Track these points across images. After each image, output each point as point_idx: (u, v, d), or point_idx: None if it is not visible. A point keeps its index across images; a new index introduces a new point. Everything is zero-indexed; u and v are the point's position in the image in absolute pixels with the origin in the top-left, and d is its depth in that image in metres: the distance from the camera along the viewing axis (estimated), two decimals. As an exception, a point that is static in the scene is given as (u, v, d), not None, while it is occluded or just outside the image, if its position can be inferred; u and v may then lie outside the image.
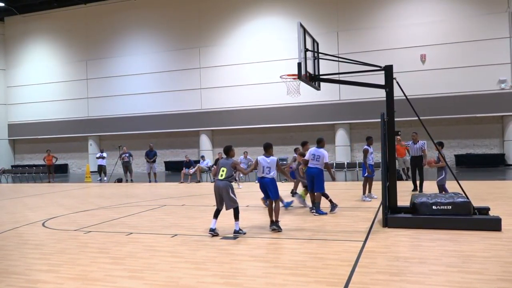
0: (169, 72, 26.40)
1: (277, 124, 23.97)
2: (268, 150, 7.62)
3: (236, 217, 7.29)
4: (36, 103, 29.63)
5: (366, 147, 11.17)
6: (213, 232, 7.23)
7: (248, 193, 13.36)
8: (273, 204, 7.55)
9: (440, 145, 9.74)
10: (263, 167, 7.51)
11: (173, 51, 26.39)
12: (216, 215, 7.38)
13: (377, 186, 11.02)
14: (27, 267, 5.83)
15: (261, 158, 7.58)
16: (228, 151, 7.48)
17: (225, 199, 7.22)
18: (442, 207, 7.26)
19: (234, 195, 7.27)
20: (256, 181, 8.97)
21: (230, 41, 25.33)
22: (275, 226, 7.45)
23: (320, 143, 9.38)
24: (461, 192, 7.68)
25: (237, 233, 7.23)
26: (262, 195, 8.30)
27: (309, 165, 9.32)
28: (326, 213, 9.06)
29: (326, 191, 9.28)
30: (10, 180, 24.68)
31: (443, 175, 9.67)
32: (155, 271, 5.40)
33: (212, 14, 25.56)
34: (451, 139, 21.79)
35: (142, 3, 26.95)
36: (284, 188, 13.78)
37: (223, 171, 7.26)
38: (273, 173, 7.53)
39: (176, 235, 7.51)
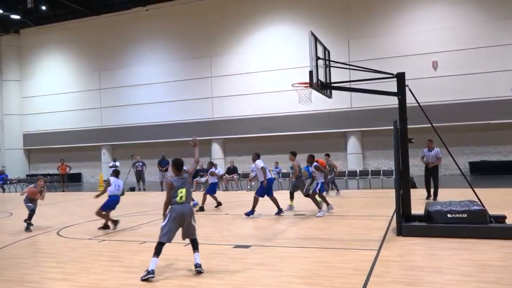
0: (180, 81, 26.60)
1: (288, 132, 23.93)
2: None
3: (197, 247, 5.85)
4: (50, 113, 30.06)
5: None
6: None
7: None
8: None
9: (326, 155, 11.41)
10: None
11: (184, 61, 26.62)
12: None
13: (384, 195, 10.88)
14: (42, 275, 5.89)
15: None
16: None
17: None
18: (457, 215, 7.16)
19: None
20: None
21: (241, 50, 25.48)
22: None
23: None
24: (476, 200, 7.57)
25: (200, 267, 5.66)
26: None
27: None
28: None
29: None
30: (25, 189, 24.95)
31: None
32: (168, 280, 5.42)
33: (223, 23, 25.76)
34: (464, 146, 21.52)
35: (154, 13, 27.28)
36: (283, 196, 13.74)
37: (181, 192, 5.71)
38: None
39: (188, 244, 7.50)
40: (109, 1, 27.05)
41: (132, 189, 20.48)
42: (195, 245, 5.83)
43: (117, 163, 21.88)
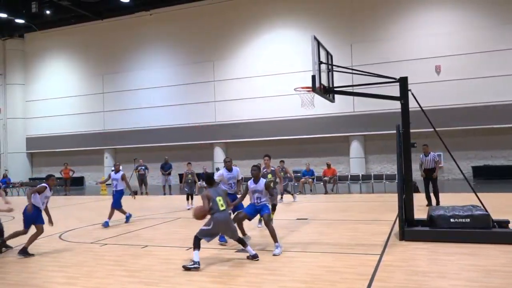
0: (183, 85, 26.66)
1: (291, 136, 23.93)
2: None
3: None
4: (53, 117, 30.15)
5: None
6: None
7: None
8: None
9: (281, 161, 8.25)
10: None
11: (187, 65, 26.69)
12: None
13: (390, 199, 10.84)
14: (46, 279, 5.89)
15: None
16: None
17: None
18: (460, 220, 7.14)
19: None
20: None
21: (244, 54, 25.53)
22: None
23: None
24: (479, 204, 7.54)
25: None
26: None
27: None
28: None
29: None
30: (28, 192, 25.01)
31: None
32: (171, 284, 5.41)
33: (226, 28, 25.83)
34: (468, 151, 21.46)
35: (158, 18, 27.39)
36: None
37: (220, 200, 6.44)
38: None
39: (191, 248, 7.49)
40: (113, 5, 27.17)
41: (135, 193, 20.46)
42: (243, 243, 6.55)
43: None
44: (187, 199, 13.96)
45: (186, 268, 5.98)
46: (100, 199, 19.00)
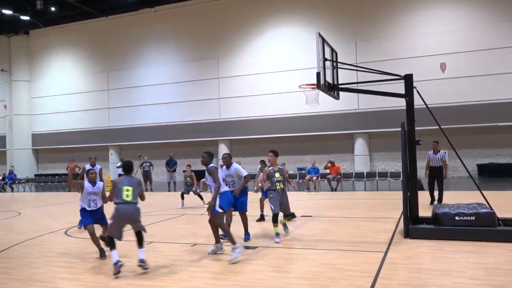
0: (188, 82, 26.70)
1: (295, 133, 23.91)
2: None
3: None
4: (58, 114, 30.31)
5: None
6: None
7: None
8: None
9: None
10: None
11: (192, 62, 26.71)
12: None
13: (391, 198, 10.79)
14: (51, 275, 5.93)
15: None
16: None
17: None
18: (465, 218, 7.11)
19: None
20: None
21: (248, 51, 25.51)
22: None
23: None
24: (484, 202, 7.51)
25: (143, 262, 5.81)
26: None
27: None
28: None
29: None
30: (33, 189, 25.20)
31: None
32: (175, 281, 5.43)
33: (230, 25, 25.81)
34: (472, 148, 21.36)
35: (162, 15, 27.41)
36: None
37: (128, 190, 6.05)
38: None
39: (195, 244, 7.53)
40: (118, 3, 27.22)
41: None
42: (140, 240, 6.03)
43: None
44: (182, 198, 13.71)
45: (115, 273, 5.63)
46: (105, 196, 19.07)
